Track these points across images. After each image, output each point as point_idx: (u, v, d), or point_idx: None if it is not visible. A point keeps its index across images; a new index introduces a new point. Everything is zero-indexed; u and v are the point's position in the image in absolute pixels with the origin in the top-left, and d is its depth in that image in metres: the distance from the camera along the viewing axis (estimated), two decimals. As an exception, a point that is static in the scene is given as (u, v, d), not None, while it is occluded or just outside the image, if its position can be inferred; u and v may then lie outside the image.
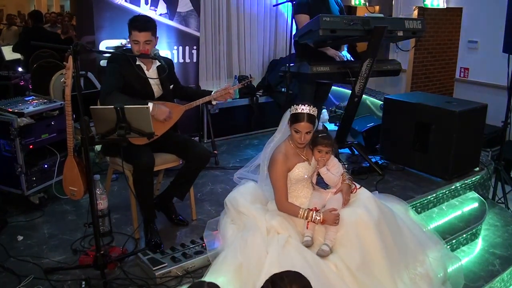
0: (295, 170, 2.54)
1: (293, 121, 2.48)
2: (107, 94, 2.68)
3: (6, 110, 3.00)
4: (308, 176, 2.59)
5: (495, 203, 4.29)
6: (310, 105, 2.47)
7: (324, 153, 2.56)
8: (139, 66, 2.81)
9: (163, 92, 2.91)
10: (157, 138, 2.63)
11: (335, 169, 2.62)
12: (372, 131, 4.38)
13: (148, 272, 2.43)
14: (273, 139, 2.69)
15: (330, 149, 2.57)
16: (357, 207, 2.52)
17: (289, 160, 2.52)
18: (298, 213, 2.46)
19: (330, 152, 2.58)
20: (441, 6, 6.20)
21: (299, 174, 2.54)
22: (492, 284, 3.05)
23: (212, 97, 2.93)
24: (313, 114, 2.47)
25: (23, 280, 2.35)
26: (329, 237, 2.41)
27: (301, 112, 2.45)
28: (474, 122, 3.85)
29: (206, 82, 4.97)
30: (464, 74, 6.24)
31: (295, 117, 2.47)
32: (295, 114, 2.47)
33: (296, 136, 2.48)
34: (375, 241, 2.40)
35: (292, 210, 2.50)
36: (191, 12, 4.49)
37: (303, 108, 2.45)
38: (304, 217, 2.45)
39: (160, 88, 2.90)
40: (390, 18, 4.01)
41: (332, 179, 2.59)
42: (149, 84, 2.84)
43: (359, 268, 2.32)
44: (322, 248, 2.37)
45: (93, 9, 3.99)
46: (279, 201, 2.51)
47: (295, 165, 2.54)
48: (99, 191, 2.72)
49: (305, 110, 2.45)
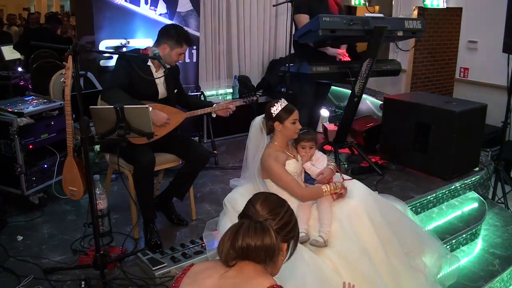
0: (286, 167, 2.56)
1: (286, 115, 2.53)
2: (108, 89, 2.72)
3: (6, 110, 3.00)
4: (297, 173, 2.61)
5: (495, 203, 4.29)
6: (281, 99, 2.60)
7: (308, 148, 2.63)
8: (149, 66, 2.83)
9: (167, 95, 2.93)
10: (156, 139, 2.63)
11: (319, 162, 2.65)
12: (372, 131, 4.38)
13: (148, 272, 2.43)
14: (248, 150, 2.67)
15: (313, 143, 2.64)
16: (348, 198, 2.53)
17: (279, 159, 2.54)
18: (322, 193, 2.48)
19: (313, 146, 2.65)
20: (441, 6, 6.20)
21: (289, 170, 2.55)
22: (492, 284, 3.05)
23: (213, 109, 2.96)
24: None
25: (22, 280, 2.36)
26: (324, 230, 2.42)
27: (286, 104, 2.55)
28: (474, 122, 3.85)
29: (206, 82, 4.97)
30: (464, 74, 6.24)
31: (286, 111, 2.53)
32: (285, 108, 2.53)
33: (293, 127, 2.54)
34: (370, 230, 2.42)
35: (316, 193, 2.50)
36: (191, 12, 4.49)
37: (282, 102, 2.55)
38: (329, 192, 2.48)
39: (165, 91, 2.92)
40: (390, 18, 4.01)
41: (317, 172, 2.61)
42: (155, 84, 2.86)
43: (358, 259, 2.33)
44: (316, 239, 2.38)
45: (93, 9, 3.98)
46: (298, 192, 2.50)
47: (285, 162, 2.56)
48: (98, 191, 2.72)
49: (285, 102, 2.56)
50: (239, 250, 1.37)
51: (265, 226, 1.40)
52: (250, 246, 1.36)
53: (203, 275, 1.44)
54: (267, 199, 1.54)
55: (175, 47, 2.80)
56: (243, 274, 1.39)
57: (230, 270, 1.40)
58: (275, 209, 1.50)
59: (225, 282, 1.39)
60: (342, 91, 5.48)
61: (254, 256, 1.38)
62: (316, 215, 2.51)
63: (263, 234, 1.37)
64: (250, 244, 1.36)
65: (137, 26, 4.12)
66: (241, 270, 1.40)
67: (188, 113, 2.92)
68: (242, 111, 4.94)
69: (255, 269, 1.40)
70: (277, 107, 2.53)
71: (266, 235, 1.37)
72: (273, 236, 1.38)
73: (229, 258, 1.39)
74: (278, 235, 1.43)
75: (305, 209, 2.53)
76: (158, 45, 2.82)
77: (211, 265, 1.48)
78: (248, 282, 1.38)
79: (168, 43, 2.79)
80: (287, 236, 1.49)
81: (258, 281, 1.38)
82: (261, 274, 1.40)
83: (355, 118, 4.17)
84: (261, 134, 2.59)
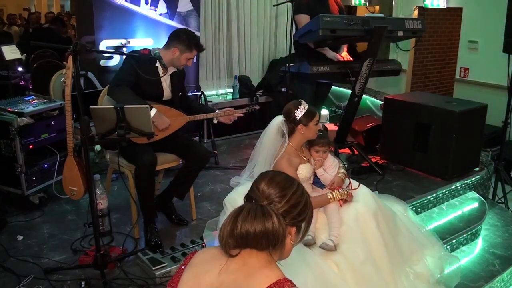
0: (299, 171, 2.54)
1: (309, 117, 2.52)
2: (116, 86, 2.72)
3: (6, 110, 3.00)
4: (308, 177, 2.60)
5: (495, 203, 4.28)
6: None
7: (322, 152, 2.60)
8: (157, 67, 2.83)
9: (171, 97, 2.94)
10: (157, 139, 2.64)
11: (331, 169, 2.63)
12: (372, 131, 4.38)
13: (148, 272, 2.43)
14: (261, 145, 2.64)
15: (327, 148, 2.60)
16: (355, 202, 2.53)
17: (292, 162, 2.52)
18: (328, 200, 2.47)
19: (327, 151, 2.62)
20: (441, 6, 6.21)
21: (302, 175, 2.54)
22: (492, 284, 3.04)
23: (215, 114, 2.97)
24: None
25: (23, 280, 2.35)
26: (334, 233, 2.39)
27: (308, 106, 2.54)
28: (474, 122, 3.85)
29: (206, 82, 4.97)
30: (464, 74, 6.24)
31: (309, 113, 2.52)
32: (308, 111, 2.52)
33: (315, 128, 2.55)
34: (375, 233, 2.41)
35: (322, 202, 2.48)
36: (191, 12, 4.49)
37: (304, 105, 2.54)
38: (334, 199, 2.47)
39: (170, 92, 2.93)
40: (390, 18, 4.01)
41: (329, 179, 2.60)
42: (161, 86, 2.88)
43: (364, 262, 2.33)
44: (326, 242, 2.35)
45: (93, 9, 3.99)
46: None
47: (298, 166, 2.54)
48: (99, 191, 2.71)
49: (306, 105, 2.55)
50: (238, 238, 1.23)
51: (266, 211, 1.24)
52: (249, 232, 1.22)
53: (203, 268, 1.31)
54: (273, 179, 1.34)
55: (185, 51, 2.81)
56: (247, 267, 1.25)
57: (231, 263, 1.27)
58: (281, 190, 1.31)
59: (226, 278, 1.26)
60: (342, 91, 5.49)
61: (255, 244, 1.23)
62: (323, 219, 2.49)
63: (263, 219, 1.22)
64: (249, 231, 1.22)
65: (137, 26, 4.12)
66: (244, 262, 1.26)
67: (190, 117, 2.93)
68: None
69: (259, 259, 1.26)
70: (301, 110, 2.51)
71: (267, 220, 1.22)
72: (275, 221, 1.23)
73: (228, 247, 1.25)
74: (285, 219, 1.27)
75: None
76: (168, 48, 2.83)
77: (213, 255, 1.33)
78: (251, 276, 1.24)
79: (178, 47, 2.80)
80: (296, 220, 1.31)
81: (263, 274, 1.24)
82: (265, 265, 1.25)
83: (355, 118, 4.17)
84: (277, 134, 2.56)
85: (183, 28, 3.02)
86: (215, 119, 2.99)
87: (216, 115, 2.97)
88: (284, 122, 2.55)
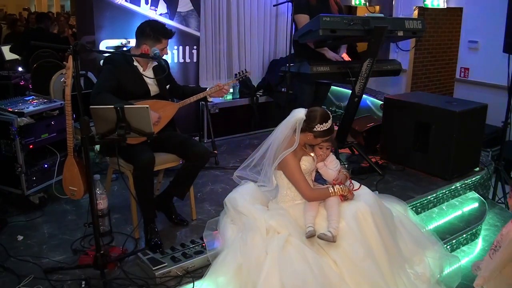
0: (301, 162, 2.58)
1: (323, 136, 2.54)
2: (96, 94, 2.69)
3: (6, 110, 3.00)
4: (310, 171, 2.63)
5: (495, 203, 4.29)
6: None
7: (325, 148, 2.63)
8: (135, 66, 2.84)
9: (159, 91, 2.95)
10: (156, 137, 2.63)
11: (332, 164, 2.66)
12: (372, 131, 4.38)
13: (148, 272, 2.43)
14: (277, 133, 2.63)
15: (330, 144, 2.63)
16: (355, 201, 2.55)
17: (297, 154, 2.56)
18: (329, 194, 2.50)
19: (330, 148, 2.65)
20: (441, 6, 6.21)
21: (304, 166, 2.58)
22: (492, 284, 3.04)
23: (207, 93, 2.96)
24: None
25: (23, 280, 2.35)
26: (333, 225, 2.40)
27: (330, 126, 2.54)
28: (474, 122, 3.85)
29: (206, 82, 4.97)
30: (464, 74, 6.24)
31: (325, 132, 2.53)
32: (328, 130, 2.53)
33: (320, 144, 2.60)
34: (374, 232, 2.42)
35: (322, 194, 2.52)
36: (191, 12, 4.49)
37: (328, 124, 2.53)
38: (335, 194, 2.50)
39: (156, 87, 2.93)
40: (390, 18, 4.00)
41: (329, 174, 2.64)
42: (146, 83, 2.88)
43: (363, 260, 2.33)
44: (325, 232, 2.36)
45: (93, 9, 3.99)
46: (305, 192, 2.52)
47: (301, 158, 2.59)
48: (99, 191, 2.71)
49: (330, 124, 2.55)
50: None
51: None
52: None
53: None
54: None
55: (154, 44, 2.80)
56: None
57: None
58: None
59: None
60: (342, 91, 5.48)
61: None
62: (324, 214, 2.50)
63: None
64: None
65: (137, 26, 4.11)
66: None
67: (180, 103, 2.91)
68: (242, 111, 4.99)
69: None
70: (323, 127, 2.50)
71: None
72: None
73: None
74: None
75: (313, 207, 2.53)
76: (139, 47, 2.82)
77: None
78: None
79: (147, 42, 2.80)
80: None
81: None
82: None
83: (355, 118, 4.17)
84: (291, 130, 2.56)
85: (145, 21, 2.92)
86: (209, 96, 2.98)
87: (207, 93, 2.96)
88: (303, 122, 2.55)
